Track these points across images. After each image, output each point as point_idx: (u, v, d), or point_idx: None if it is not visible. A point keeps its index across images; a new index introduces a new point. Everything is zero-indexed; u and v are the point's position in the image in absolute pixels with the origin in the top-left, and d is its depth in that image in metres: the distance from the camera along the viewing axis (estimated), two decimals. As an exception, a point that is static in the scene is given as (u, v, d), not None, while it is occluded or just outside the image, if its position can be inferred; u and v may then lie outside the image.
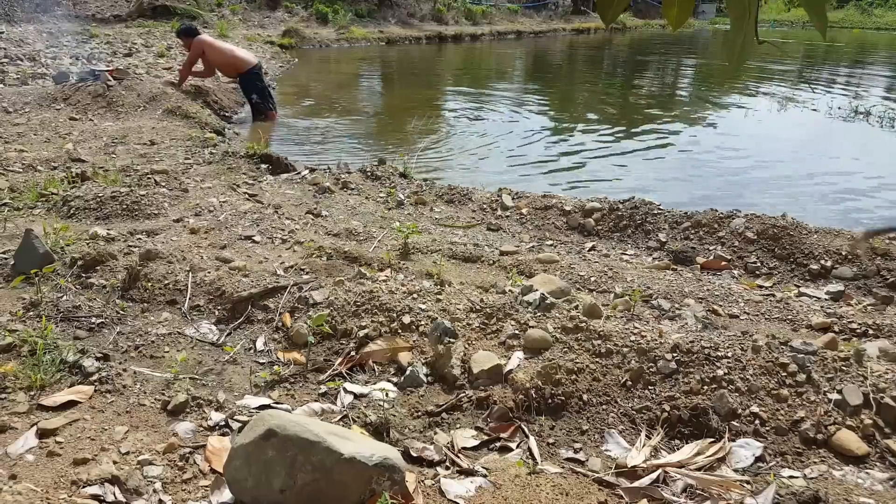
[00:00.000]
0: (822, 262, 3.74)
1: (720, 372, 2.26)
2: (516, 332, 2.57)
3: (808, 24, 32.98)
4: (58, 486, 1.77)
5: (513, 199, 4.97)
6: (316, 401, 2.30)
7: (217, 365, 2.52)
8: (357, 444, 1.72)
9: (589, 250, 4.14)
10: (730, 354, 2.31)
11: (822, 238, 3.90)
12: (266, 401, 2.28)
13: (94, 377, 2.28)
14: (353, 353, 2.56)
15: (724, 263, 3.88)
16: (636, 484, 1.90)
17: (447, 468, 1.98)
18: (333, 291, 2.88)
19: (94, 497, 1.73)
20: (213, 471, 1.90)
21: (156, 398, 2.23)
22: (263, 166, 5.64)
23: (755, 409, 2.15)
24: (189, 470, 1.90)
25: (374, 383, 2.40)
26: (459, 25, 24.38)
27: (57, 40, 13.21)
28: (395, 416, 2.18)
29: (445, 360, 2.44)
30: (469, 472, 1.94)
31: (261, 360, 2.58)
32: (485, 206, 4.92)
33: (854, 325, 2.96)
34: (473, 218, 4.73)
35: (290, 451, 1.65)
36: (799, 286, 3.60)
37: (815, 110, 10.46)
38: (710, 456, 2.00)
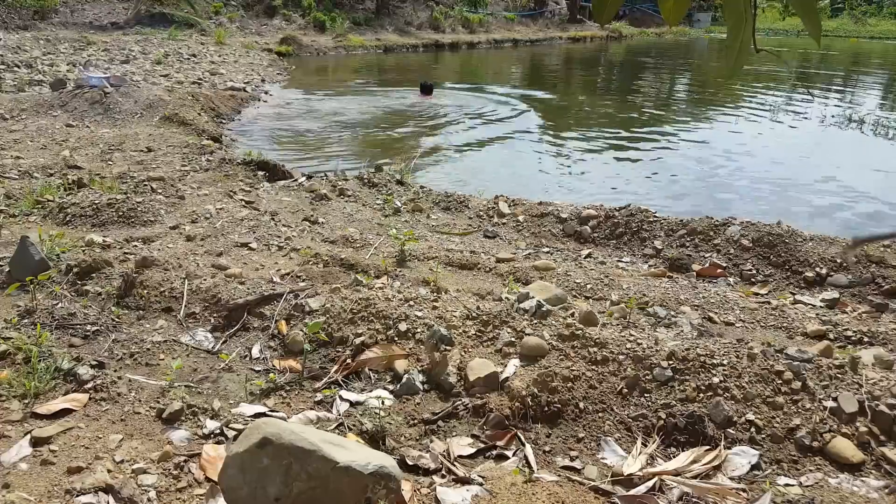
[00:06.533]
0: (818, 269, 3.76)
1: (716, 379, 2.26)
2: (512, 339, 2.57)
3: (802, 32, 33.20)
4: (51, 494, 1.76)
5: (509, 206, 4.98)
6: (312, 409, 2.30)
7: (212, 373, 2.51)
8: (353, 453, 1.72)
9: (585, 257, 4.15)
10: (725, 362, 2.32)
11: (817, 246, 3.91)
12: (261, 409, 2.27)
13: (89, 385, 2.28)
14: (349, 360, 2.56)
15: (719, 271, 3.89)
16: (632, 492, 1.90)
17: (443, 476, 1.98)
18: (330, 299, 2.88)
19: (88, 506, 1.72)
20: (207, 479, 1.89)
21: (151, 406, 2.22)
22: (260, 173, 5.64)
23: (751, 416, 2.15)
24: (184, 478, 1.89)
25: (370, 391, 2.39)
26: (456, 33, 24.48)
27: (54, 47, 13.23)
28: (391, 424, 2.18)
29: (441, 367, 2.44)
30: (465, 481, 1.94)
31: (256, 368, 2.58)
32: (481, 213, 4.93)
33: (849, 333, 2.97)
34: (470, 225, 4.74)
35: (286, 459, 1.65)
36: (794, 293, 3.61)
37: (808, 119, 10.53)
38: (706, 464, 2.00)
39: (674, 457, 2.07)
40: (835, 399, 2.16)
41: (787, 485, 1.93)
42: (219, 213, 4.33)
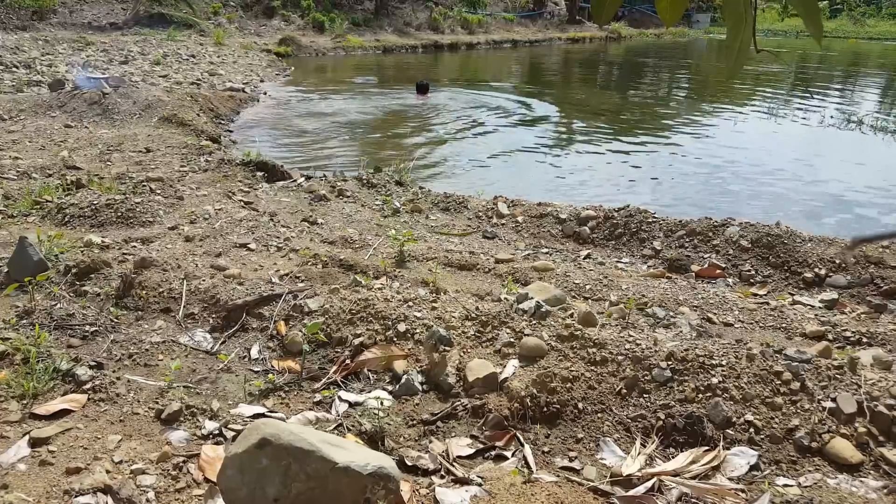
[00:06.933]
0: (817, 270, 3.76)
1: (715, 380, 2.26)
2: (511, 339, 2.57)
3: (801, 33, 33.24)
4: (50, 495, 1.76)
5: (508, 206, 4.98)
6: (311, 409, 2.30)
7: (211, 373, 2.51)
8: (352, 453, 1.72)
9: (584, 258, 4.15)
10: (724, 363, 2.32)
11: (816, 246, 3.92)
12: (260, 409, 2.27)
13: (88, 385, 2.27)
14: (348, 361, 2.55)
15: (718, 271, 3.90)
16: (631, 492, 1.90)
17: (442, 477, 1.98)
18: (328, 299, 2.87)
19: (87, 507, 1.72)
20: (206, 480, 1.89)
21: (149, 407, 2.22)
22: (259, 174, 5.64)
23: (750, 417, 2.15)
24: (182, 479, 1.89)
25: (369, 391, 2.39)
26: (455, 34, 24.49)
27: (52, 48, 13.22)
28: (389, 424, 2.18)
29: (440, 368, 2.44)
30: (464, 481, 1.94)
31: (255, 369, 2.57)
32: (480, 213, 4.93)
33: (848, 334, 2.97)
34: (469, 226, 4.74)
35: (285, 460, 1.64)
36: (793, 294, 3.61)
37: (808, 119, 10.54)
38: (705, 464, 2.00)
39: (673, 457, 2.07)
40: (833, 400, 2.16)
41: (785, 485, 1.93)
42: (217, 213, 4.33)
